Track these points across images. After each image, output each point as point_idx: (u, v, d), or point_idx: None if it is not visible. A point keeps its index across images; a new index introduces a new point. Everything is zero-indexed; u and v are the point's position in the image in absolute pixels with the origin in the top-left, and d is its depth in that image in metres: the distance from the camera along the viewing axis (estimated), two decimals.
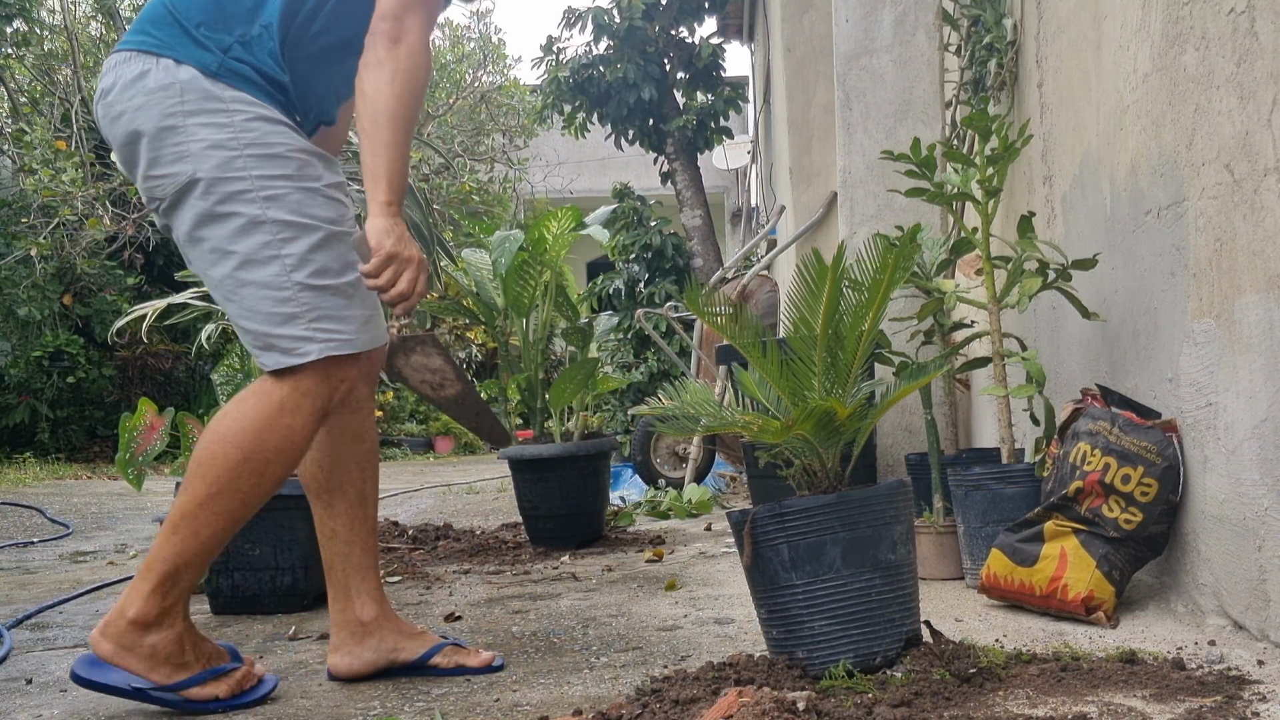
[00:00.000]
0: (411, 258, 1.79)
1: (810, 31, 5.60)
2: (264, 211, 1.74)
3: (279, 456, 1.76)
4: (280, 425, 1.76)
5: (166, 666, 1.74)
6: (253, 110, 1.76)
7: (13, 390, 8.85)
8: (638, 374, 7.61)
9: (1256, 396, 1.74)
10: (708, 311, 1.80)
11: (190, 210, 1.75)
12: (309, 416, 1.78)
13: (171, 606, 1.75)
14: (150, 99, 1.73)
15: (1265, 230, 1.70)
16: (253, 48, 1.78)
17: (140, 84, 1.74)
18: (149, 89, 1.73)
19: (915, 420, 3.63)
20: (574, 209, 3.65)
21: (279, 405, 1.76)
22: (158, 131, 1.73)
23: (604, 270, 8.34)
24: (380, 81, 1.76)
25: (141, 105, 1.74)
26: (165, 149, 1.74)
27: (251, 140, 1.74)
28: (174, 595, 1.74)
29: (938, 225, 3.47)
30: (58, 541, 4.39)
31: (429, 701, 1.77)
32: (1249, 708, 1.44)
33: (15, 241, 8.43)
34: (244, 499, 1.76)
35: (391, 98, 1.76)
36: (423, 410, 11.89)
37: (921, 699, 1.50)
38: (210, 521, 1.74)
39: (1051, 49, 2.72)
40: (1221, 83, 1.82)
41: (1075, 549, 2.08)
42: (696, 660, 1.91)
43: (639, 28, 7.47)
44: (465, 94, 12.44)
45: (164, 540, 1.75)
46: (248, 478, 1.75)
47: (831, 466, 1.75)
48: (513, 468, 3.67)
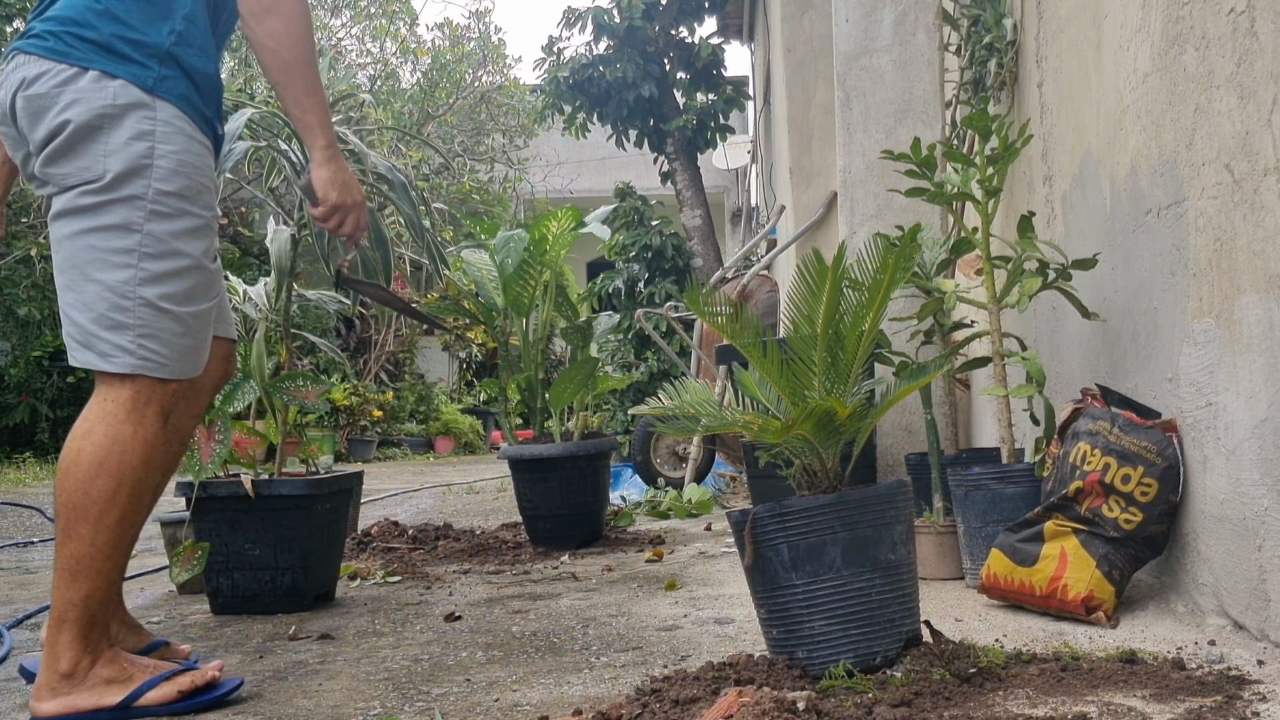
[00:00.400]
0: (355, 203, 1.94)
1: (810, 31, 5.60)
2: (144, 223, 1.77)
3: (147, 469, 1.79)
4: (137, 441, 1.78)
5: (114, 687, 1.76)
6: (176, 125, 1.79)
7: (13, 390, 8.86)
8: (638, 374, 7.60)
9: (1256, 396, 1.74)
10: (708, 311, 1.80)
11: (78, 194, 1.76)
12: (155, 421, 1.80)
13: (99, 639, 1.77)
14: (82, 96, 1.74)
15: (1265, 230, 1.70)
16: (183, 45, 1.81)
17: (74, 84, 1.75)
18: (82, 88, 1.75)
19: (915, 420, 3.63)
20: (574, 209, 3.65)
21: (126, 422, 1.78)
22: (83, 127, 1.74)
23: (604, 270, 8.34)
24: (275, 28, 1.79)
25: (73, 101, 1.74)
26: (86, 144, 1.75)
27: (166, 153, 1.77)
28: (95, 634, 1.77)
29: (938, 225, 3.47)
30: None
31: (429, 701, 1.77)
32: (1249, 708, 1.44)
33: (15, 241, 8.43)
34: (131, 519, 1.79)
35: (295, 42, 1.80)
36: (422, 410, 11.89)
37: (921, 699, 1.50)
38: (108, 555, 1.76)
39: (1051, 49, 2.72)
40: (1221, 83, 1.82)
41: (1075, 549, 2.08)
42: (696, 660, 1.91)
43: (639, 27, 7.47)
44: (465, 94, 12.44)
45: (68, 588, 1.74)
46: (127, 500, 1.77)
47: (831, 466, 1.75)
48: (513, 468, 3.67)
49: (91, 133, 1.75)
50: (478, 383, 13.08)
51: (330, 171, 1.91)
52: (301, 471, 2.88)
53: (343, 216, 1.95)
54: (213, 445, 2.58)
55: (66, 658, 1.74)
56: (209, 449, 2.58)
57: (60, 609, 1.74)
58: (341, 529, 2.87)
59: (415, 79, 12.45)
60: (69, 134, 1.75)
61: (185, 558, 2.55)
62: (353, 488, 3.10)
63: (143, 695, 1.76)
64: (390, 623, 2.47)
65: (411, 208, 2.82)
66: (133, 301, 1.76)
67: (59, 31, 1.77)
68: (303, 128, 1.88)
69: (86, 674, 1.75)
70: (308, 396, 2.74)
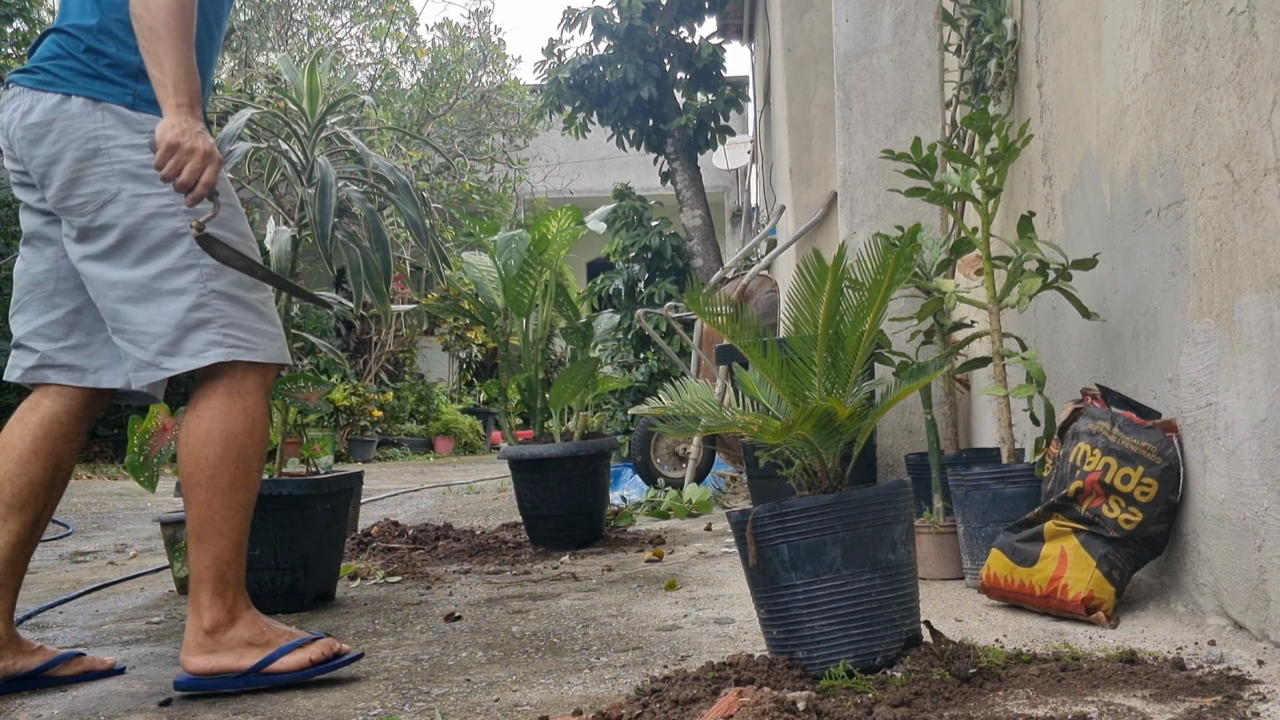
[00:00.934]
0: (194, 149, 1.88)
1: (810, 31, 5.60)
2: (185, 225, 1.90)
3: (250, 434, 1.94)
4: (237, 410, 1.93)
5: (253, 650, 1.91)
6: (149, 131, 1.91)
7: (13, 390, 8.85)
8: (638, 374, 7.61)
9: (1256, 396, 1.74)
10: (708, 311, 1.80)
11: (116, 226, 1.90)
12: (257, 395, 1.96)
13: (234, 602, 1.93)
14: (72, 124, 1.89)
15: (1265, 230, 1.70)
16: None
17: (63, 110, 1.90)
18: (72, 115, 1.89)
19: (915, 420, 3.63)
20: (574, 209, 3.65)
21: (227, 396, 1.93)
22: (82, 153, 1.89)
23: (604, 270, 8.34)
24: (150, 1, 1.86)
25: (65, 128, 1.89)
26: (90, 168, 1.89)
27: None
28: (230, 592, 1.93)
29: (938, 225, 3.47)
30: (58, 541, 4.39)
31: (429, 701, 1.77)
32: (1249, 708, 1.44)
33: (15, 242, 8.42)
34: (242, 485, 1.94)
35: (162, 10, 1.86)
36: (422, 410, 11.89)
37: (921, 699, 1.50)
38: (226, 518, 1.92)
39: (1051, 49, 2.72)
40: (1221, 83, 1.82)
41: (1075, 549, 2.08)
42: (696, 660, 1.91)
43: (639, 28, 7.47)
44: (465, 94, 12.44)
45: (197, 551, 1.92)
46: (234, 465, 1.92)
47: (831, 466, 1.75)
48: (513, 468, 3.67)
49: (90, 156, 1.89)
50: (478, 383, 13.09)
51: (173, 118, 1.87)
52: (301, 472, 2.88)
53: (179, 163, 1.86)
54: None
55: (208, 615, 1.90)
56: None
57: (196, 571, 1.92)
58: (341, 529, 2.87)
59: (415, 79, 12.45)
60: (72, 162, 1.89)
61: (186, 556, 2.55)
62: (353, 488, 3.10)
63: (277, 660, 1.90)
64: (390, 623, 2.47)
65: (414, 209, 2.82)
66: (208, 297, 1.91)
67: (45, 64, 1.93)
68: (158, 85, 1.88)
69: (227, 632, 1.91)
70: (309, 398, 2.74)
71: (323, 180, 2.67)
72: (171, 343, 1.90)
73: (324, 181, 2.67)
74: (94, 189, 1.89)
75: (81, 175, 1.89)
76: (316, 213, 2.68)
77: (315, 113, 2.84)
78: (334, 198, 2.67)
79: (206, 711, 1.79)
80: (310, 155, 2.82)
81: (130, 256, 1.90)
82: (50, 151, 1.90)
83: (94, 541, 4.37)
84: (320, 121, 2.84)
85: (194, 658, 1.89)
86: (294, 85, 2.86)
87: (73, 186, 1.90)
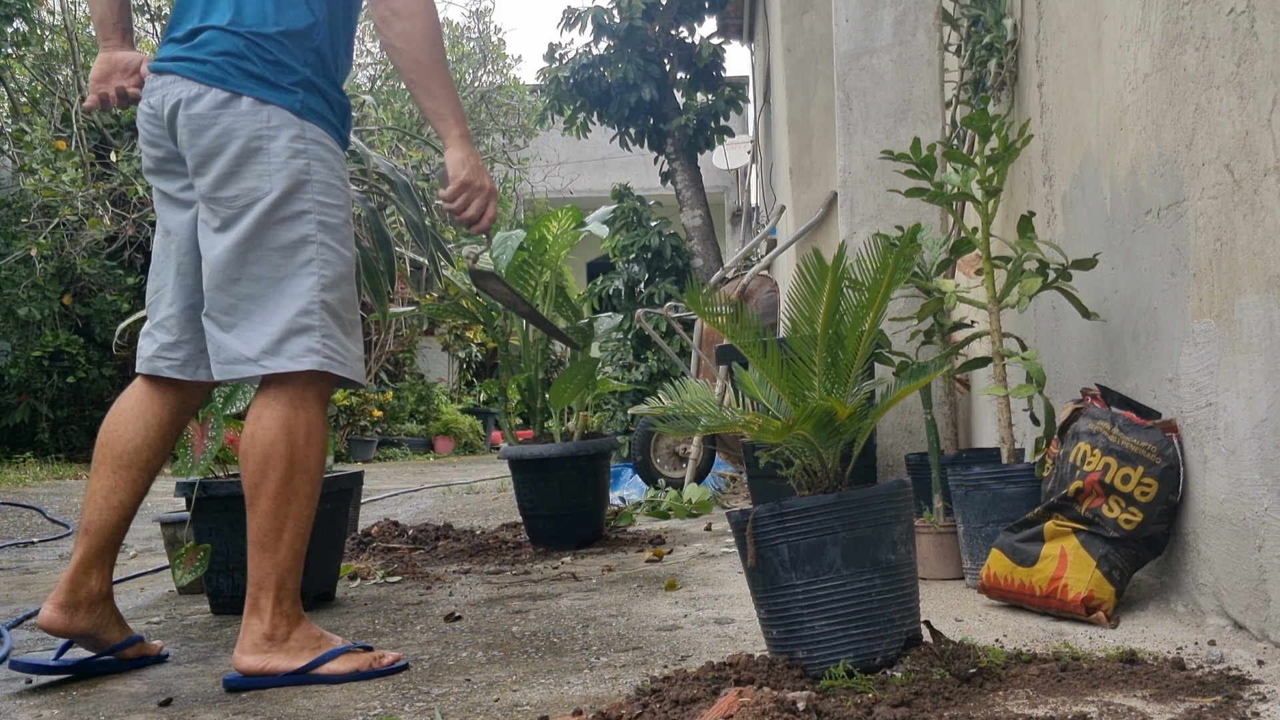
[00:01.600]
0: (484, 186, 2.08)
1: (810, 31, 5.60)
2: (317, 234, 1.98)
3: (311, 448, 1.98)
4: (301, 421, 1.97)
5: (305, 652, 1.95)
6: (323, 143, 2.00)
7: (13, 390, 8.85)
8: (638, 374, 7.60)
9: (1256, 396, 1.74)
10: (708, 311, 1.80)
11: (256, 215, 1.95)
12: (318, 408, 2.00)
13: (293, 608, 1.98)
14: (240, 120, 1.95)
15: (1265, 230, 1.70)
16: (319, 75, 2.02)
17: (231, 108, 1.95)
18: (241, 112, 1.95)
19: (915, 420, 3.63)
20: (574, 209, 3.65)
21: (290, 406, 1.96)
22: (245, 149, 1.94)
23: (604, 271, 8.34)
24: (409, 31, 1.98)
25: (232, 124, 1.94)
26: (250, 164, 1.95)
27: (319, 168, 1.98)
28: (289, 599, 1.98)
29: (938, 225, 3.47)
30: (58, 541, 4.39)
31: (429, 701, 1.77)
32: (1249, 708, 1.44)
33: (15, 241, 8.42)
34: (306, 495, 1.98)
35: (424, 42, 1.99)
36: (422, 410, 11.89)
37: (921, 699, 1.50)
38: (290, 528, 1.97)
39: (1051, 49, 2.72)
40: (1221, 83, 1.82)
41: (1075, 549, 2.08)
42: (696, 660, 1.91)
43: (639, 28, 7.47)
44: (465, 94, 12.44)
45: (259, 559, 1.96)
46: (299, 478, 1.96)
47: (831, 466, 1.75)
48: (513, 468, 3.67)
49: (253, 154, 1.94)
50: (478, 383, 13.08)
51: (463, 153, 2.06)
52: None
53: (470, 197, 2.07)
54: (205, 442, 2.58)
55: (269, 621, 1.94)
56: (202, 445, 2.58)
57: (257, 578, 1.95)
58: (341, 529, 2.87)
59: None
60: (233, 156, 1.94)
61: (187, 560, 2.55)
62: (353, 488, 3.10)
63: (324, 664, 1.94)
64: (390, 623, 2.47)
65: (414, 209, 2.82)
66: (317, 306, 1.97)
67: (214, 59, 1.96)
68: (436, 117, 2.05)
69: (286, 638, 1.95)
70: None
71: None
72: (276, 342, 1.95)
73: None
74: (250, 185, 1.95)
75: (240, 170, 1.94)
76: None
77: None
78: None
79: (206, 712, 1.79)
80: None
81: (261, 253, 1.96)
82: (213, 144, 1.95)
83: None
84: None
85: (248, 657, 1.93)
86: None
87: (229, 180, 1.95)
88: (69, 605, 2.01)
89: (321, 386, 2.00)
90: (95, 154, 8.84)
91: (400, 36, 1.98)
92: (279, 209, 1.95)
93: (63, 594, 2.01)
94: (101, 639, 2.05)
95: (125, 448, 2.08)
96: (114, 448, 2.08)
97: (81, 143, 8.80)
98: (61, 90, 9.23)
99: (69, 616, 2.01)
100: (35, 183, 8.23)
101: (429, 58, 2.00)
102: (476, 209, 2.08)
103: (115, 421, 2.11)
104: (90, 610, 2.03)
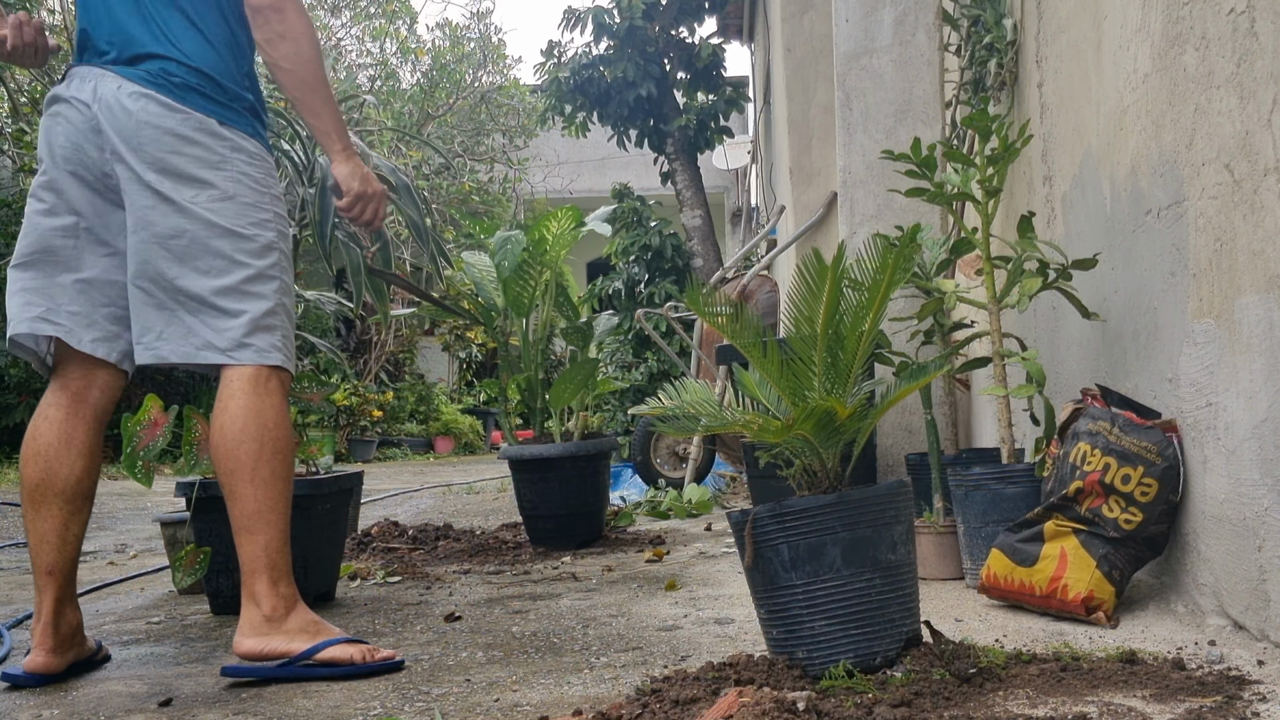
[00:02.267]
0: (375, 192, 2.21)
1: (810, 31, 5.60)
2: (278, 241, 2.10)
3: (279, 429, 2.05)
4: (268, 405, 2.04)
5: (304, 636, 1.98)
6: (261, 154, 2.11)
7: (13, 390, 8.84)
8: (638, 374, 7.60)
9: (1256, 396, 1.74)
10: (708, 311, 1.80)
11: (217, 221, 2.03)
12: (281, 395, 2.08)
13: (289, 589, 2.01)
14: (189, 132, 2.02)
15: (1265, 230, 1.70)
16: (251, 90, 2.14)
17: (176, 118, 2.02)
18: (194, 125, 2.03)
19: (915, 420, 3.63)
20: (574, 209, 3.65)
21: (255, 391, 2.04)
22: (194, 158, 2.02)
23: (604, 271, 8.34)
24: (295, 54, 2.07)
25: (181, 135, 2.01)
26: (203, 172, 2.02)
27: (265, 179, 2.11)
28: (284, 580, 2.01)
29: (938, 225, 3.47)
30: None
31: (429, 701, 1.77)
32: (1249, 708, 1.44)
33: (15, 242, 8.42)
34: (282, 476, 2.04)
35: (309, 63, 2.08)
36: (422, 410, 11.89)
37: (921, 699, 1.50)
38: (271, 507, 2.02)
39: (1051, 49, 2.72)
40: (1221, 83, 1.82)
41: (1075, 549, 2.08)
42: (696, 660, 1.91)
43: (639, 28, 7.47)
44: (465, 94, 12.44)
45: (248, 544, 2.01)
46: (271, 457, 2.02)
47: (831, 466, 1.75)
48: (513, 468, 3.67)
49: (217, 164, 2.03)
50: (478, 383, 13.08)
51: (349, 167, 2.17)
52: (301, 472, 2.88)
53: (364, 205, 2.19)
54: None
55: (266, 603, 1.98)
56: (206, 444, 2.58)
57: (249, 563, 2.00)
58: (341, 529, 2.87)
59: (415, 79, 12.45)
60: (183, 163, 2.01)
61: (187, 562, 2.55)
62: (353, 488, 3.10)
63: (324, 650, 1.96)
64: (390, 623, 2.47)
65: (415, 210, 2.82)
66: (280, 308, 2.09)
67: (157, 73, 2.03)
68: (320, 134, 2.15)
69: (284, 620, 1.98)
70: (312, 398, 2.75)
71: (323, 180, 2.68)
72: (247, 335, 2.04)
73: (324, 182, 2.67)
74: (215, 189, 2.03)
75: (199, 175, 2.02)
76: (316, 213, 2.68)
77: None
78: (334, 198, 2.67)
79: (206, 712, 1.79)
80: (311, 155, 2.82)
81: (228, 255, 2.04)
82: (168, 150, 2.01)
83: (94, 541, 4.37)
84: None
85: (247, 639, 1.96)
86: None
87: (185, 175, 2.02)
88: (57, 647, 2.04)
89: (280, 378, 2.09)
90: None
91: (287, 58, 2.06)
92: (242, 217, 2.06)
93: (49, 639, 2.03)
94: (85, 657, 2.13)
95: (67, 482, 2.06)
96: (55, 485, 2.06)
97: None
98: None
99: (60, 656, 2.04)
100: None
101: (314, 77, 2.09)
102: (370, 213, 2.22)
103: (46, 455, 2.06)
104: (73, 640, 2.08)
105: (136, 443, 2.61)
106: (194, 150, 2.02)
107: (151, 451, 2.59)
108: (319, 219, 2.63)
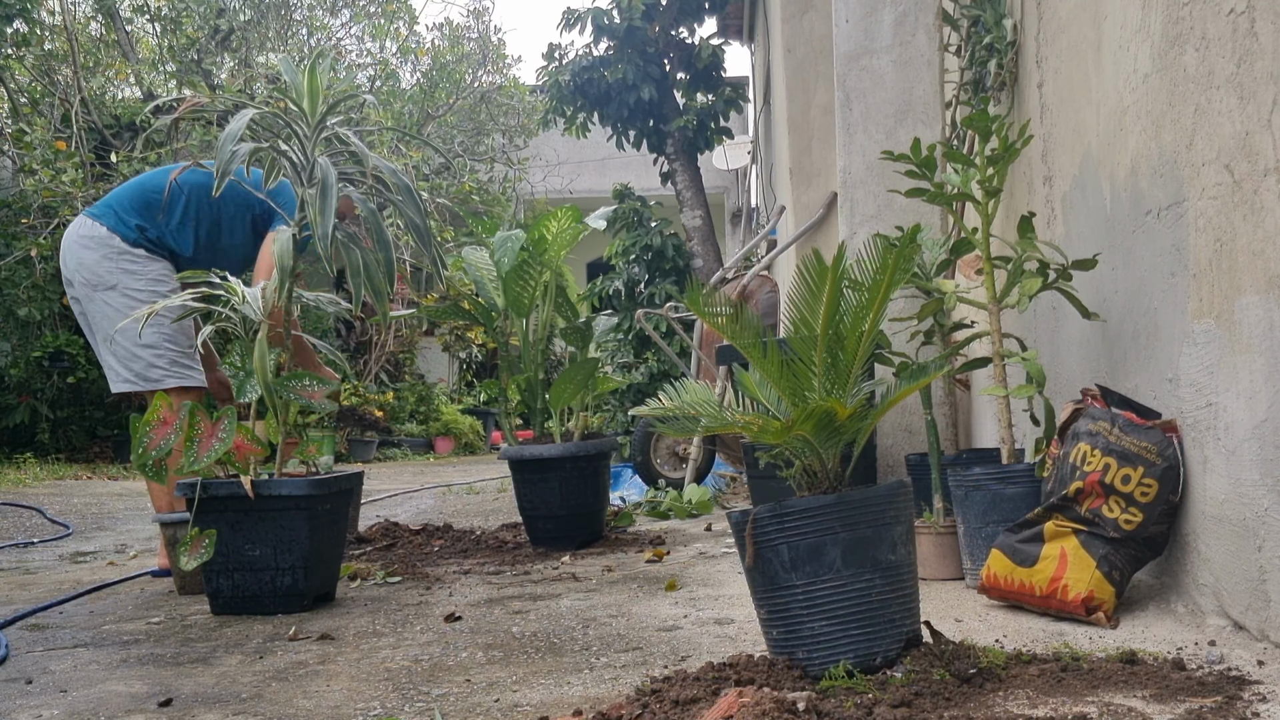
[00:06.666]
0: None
1: (810, 31, 5.60)
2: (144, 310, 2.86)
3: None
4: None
5: None
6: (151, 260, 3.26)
7: (13, 390, 8.84)
8: (638, 374, 7.60)
9: (1256, 397, 1.74)
10: (708, 311, 1.80)
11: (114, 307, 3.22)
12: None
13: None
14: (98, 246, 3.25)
15: (1265, 230, 1.70)
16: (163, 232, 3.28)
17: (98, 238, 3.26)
18: (100, 239, 3.25)
19: (915, 420, 3.63)
20: (574, 209, 3.64)
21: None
22: (99, 261, 3.24)
23: (604, 271, 8.34)
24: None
25: (90, 246, 3.25)
26: (102, 273, 3.24)
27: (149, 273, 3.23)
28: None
29: (938, 225, 3.47)
30: (58, 542, 4.39)
31: (429, 701, 1.77)
32: (1249, 708, 1.44)
33: (15, 242, 8.42)
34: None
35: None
36: (423, 411, 11.88)
37: (921, 699, 1.50)
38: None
39: (1051, 49, 2.72)
40: (1221, 83, 1.82)
41: (1075, 549, 2.08)
42: (696, 660, 1.91)
43: (639, 28, 7.47)
44: (465, 94, 12.44)
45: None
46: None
47: (832, 467, 1.75)
48: (513, 468, 3.67)
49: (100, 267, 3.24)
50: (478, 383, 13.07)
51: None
52: (302, 472, 2.88)
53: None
54: (214, 441, 2.59)
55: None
56: (209, 444, 2.59)
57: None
58: (342, 529, 2.87)
59: (415, 79, 12.44)
60: (91, 267, 3.25)
61: (193, 546, 2.56)
62: (353, 488, 3.10)
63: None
64: (390, 623, 2.47)
65: (416, 212, 2.82)
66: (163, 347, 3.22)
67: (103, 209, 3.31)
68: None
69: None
70: (314, 396, 2.74)
71: (323, 180, 2.68)
72: (146, 367, 3.20)
73: (324, 182, 2.67)
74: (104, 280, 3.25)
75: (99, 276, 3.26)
76: (317, 213, 2.68)
77: (315, 113, 2.84)
78: (334, 198, 2.68)
79: (206, 712, 1.79)
80: (311, 156, 2.82)
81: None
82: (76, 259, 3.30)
83: (94, 542, 4.37)
84: (320, 122, 2.84)
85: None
86: (294, 86, 2.86)
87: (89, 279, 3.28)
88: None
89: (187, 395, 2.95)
90: (95, 154, 8.84)
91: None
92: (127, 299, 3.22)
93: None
94: None
95: None
96: None
97: (81, 143, 8.80)
98: (61, 90, 9.24)
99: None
100: (35, 183, 8.23)
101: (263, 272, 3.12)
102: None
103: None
104: None
105: (147, 442, 2.63)
106: None
107: (163, 450, 2.61)
108: (319, 219, 2.63)
